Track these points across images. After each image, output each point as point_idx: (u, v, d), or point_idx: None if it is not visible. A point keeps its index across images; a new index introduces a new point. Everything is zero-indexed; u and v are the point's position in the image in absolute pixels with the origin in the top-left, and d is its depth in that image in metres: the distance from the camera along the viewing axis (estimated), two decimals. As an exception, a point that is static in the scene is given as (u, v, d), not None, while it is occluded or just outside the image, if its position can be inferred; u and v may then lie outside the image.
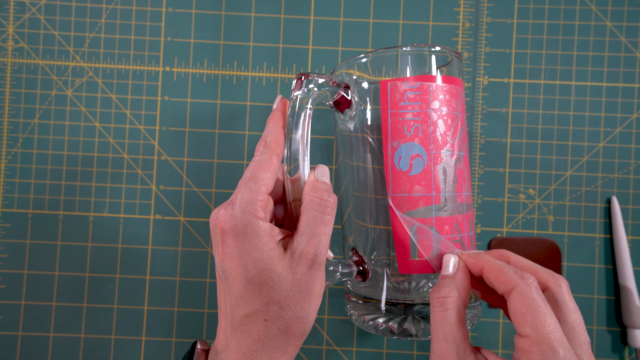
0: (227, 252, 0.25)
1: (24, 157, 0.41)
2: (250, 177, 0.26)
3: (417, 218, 0.29)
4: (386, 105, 0.30)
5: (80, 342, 0.40)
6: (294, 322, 0.25)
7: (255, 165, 0.26)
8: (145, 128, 0.41)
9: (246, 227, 0.25)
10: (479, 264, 0.24)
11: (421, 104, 0.30)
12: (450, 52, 0.31)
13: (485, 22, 0.41)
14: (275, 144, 0.27)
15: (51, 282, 0.40)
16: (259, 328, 0.25)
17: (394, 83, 0.30)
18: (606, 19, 0.40)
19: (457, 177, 0.30)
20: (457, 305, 0.23)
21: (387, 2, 0.41)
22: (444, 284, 0.24)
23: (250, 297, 0.25)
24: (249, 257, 0.25)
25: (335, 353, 0.40)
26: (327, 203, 0.26)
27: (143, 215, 0.41)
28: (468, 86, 0.41)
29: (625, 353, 0.40)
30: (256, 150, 0.27)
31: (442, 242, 0.28)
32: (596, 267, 0.40)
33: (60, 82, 0.41)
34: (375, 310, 0.31)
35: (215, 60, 0.41)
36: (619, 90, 0.40)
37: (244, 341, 0.25)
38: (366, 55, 0.31)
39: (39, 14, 0.41)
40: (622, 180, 0.40)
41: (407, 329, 0.30)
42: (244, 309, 0.25)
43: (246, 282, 0.25)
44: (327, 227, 0.26)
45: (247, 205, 0.25)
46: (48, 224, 0.41)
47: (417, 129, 0.30)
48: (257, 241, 0.25)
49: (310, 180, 0.27)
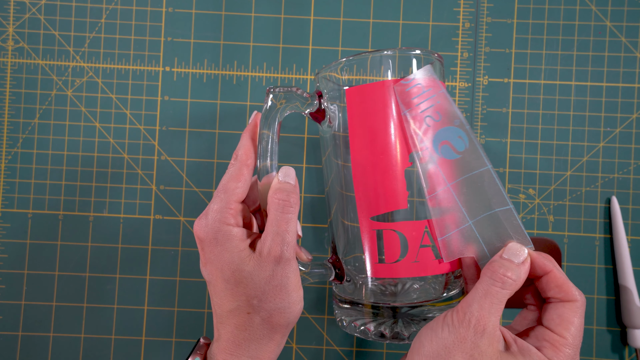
0: (206, 257, 0.28)
1: (24, 157, 0.41)
2: (221, 188, 0.28)
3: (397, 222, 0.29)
4: (397, 107, 0.29)
5: (80, 342, 0.40)
6: (275, 313, 0.27)
7: (226, 177, 0.29)
8: (146, 128, 0.41)
9: (217, 234, 0.27)
10: (547, 267, 0.26)
11: (431, 96, 0.29)
12: (432, 55, 0.31)
13: (485, 22, 0.41)
14: (246, 156, 0.29)
15: (51, 282, 0.40)
16: (243, 320, 0.27)
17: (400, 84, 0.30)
18: (606, 19, 0.41)
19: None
20: (512, 291, 0.25)
21: (387, 2, 0.41)
22: (510, 267, 0.25)
23: (230, 295, 0.27)
24: (223, 260, 0.27)
25: (335, 353, 0.40)
26: (287, 203, 0.28)
27: (143, 215, 0.41)
28: (468, 86, 0.41)
29: (625, 353, 0.40)
30: (230, 163, 0.30)
31: (519, 230, 0.27)
32: (596, 267, 0.40)
33: (60, 82, 0.41)
34: (364, 315, 0.31)
35: (215, 60, 0.41)
36: (619, 90, 0.40)
37: (232, 332, 0.28)
38: (348, 59, 0.31)
39: (39, 14, 0.41)
40: (622, 180, 0.40)
41: (399, 333, 0.30)
42: (227, 305, 0.28)
43: (224, 282, 0.27)
44: (290, 225, 0.28)
45: (218, 214, 0.28)
46: (48, 224, 0.41)
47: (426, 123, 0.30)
48: (228, 245, 0.27)
49: (274, 182, 0.29)
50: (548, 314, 0.26)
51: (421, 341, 0.25)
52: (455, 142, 0.29)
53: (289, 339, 0.40)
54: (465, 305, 0.25)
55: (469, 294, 0.26)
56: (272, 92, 0.30)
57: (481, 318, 0.24)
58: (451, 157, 0.29)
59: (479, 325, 0.24)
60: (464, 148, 0.29)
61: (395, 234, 0.29)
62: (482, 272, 0.26)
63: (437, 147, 0.29)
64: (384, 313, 0.30)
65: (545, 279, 0.26)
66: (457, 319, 0.25)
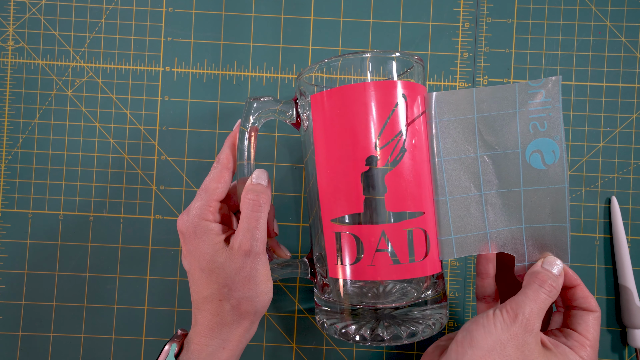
0: (186, 249, 0.31)
1: (24, 157, 0.41)
2: (203, 188, 0.32)
3: (344, 225, 0.30)
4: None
5: (80, 342, 0.40)
6: (243, 301, 0.30)
7: (208, 179, 0.32)
8: (146, 128, 0.41)
9: (197, 228, 0.31)
10: (576, 281, 0.31)
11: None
12: (412, 58, 0.31)
13: (485, 22, 0.41)
14: (227, 160, 0.32)
15: (51, 282, 0.40)
16: (215, 306, 0.31)
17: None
18: (606, 19, 0.41)
19: (387, 186, 0.30)
20: (553, 298, 0.29)
21: (387, 2, 0.41)
22: (553, 278, 0.29)
23: (205, 283, 0.31)
24: (200, 251, 0.31)
25: (335, 353, 0.40)
26: (257, 202, 0.31)
27: (143, 215, 0.41)
28: (468, 86, 0.41)
29: (625, 353, 0.40)
30: (212, 166, 0.33)
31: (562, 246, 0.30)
32: (596, 267, 0.40)
33: (61, 82, 0.41)
34: (344, 317, 0.31)
35: (215, 60, 0.41)
36: (619, 90, 0.40)
37: (205, 317, 0.31)
38: (330, 59, 0.31)
39: (39, 14, 0.41)
40: (622, 180, 0.40)
41: (380, 335, 0.30)
42: (203, 292, 0.31)
43: (200, 271, 0.31)
44: (260, 223, 0.31)
45: (198, 210, 0.31)
46: (48, 224, 0.41)
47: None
48: (205, 238, 0.31)
49: (247, 183, 0.32)
50: (574, 319, 0.31)
51: (473, 336, 0.28)
52: (547, 154, 0.30)
53: (289, 339, 0.40)
54: (516, 307, 0.28)
55: (519, 297, 0.29)
56: (250, 102, 0.33)
57: (531, 318, 0.28)
58: (538, 166, 0.30)
59: (529, 325, 0.28)
60: (552, 162, 0.30)
61: (352, 237, 0.30)
62: (529, 279, 0.29)
63: (528, 153, 0.30)
64: (367, 315, 0.30)
65: (573, 290, 0.31)
66: (509, 318, 0.28)
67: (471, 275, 0.40)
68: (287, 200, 0.41)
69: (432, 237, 0.31)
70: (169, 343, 0.31)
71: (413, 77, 0.31)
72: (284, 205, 0.41)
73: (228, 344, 0.31)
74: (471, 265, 0.40)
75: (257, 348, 0.40)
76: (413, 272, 0.30)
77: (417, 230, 0.30)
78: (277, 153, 0.41)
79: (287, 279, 0.41)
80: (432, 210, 0.31)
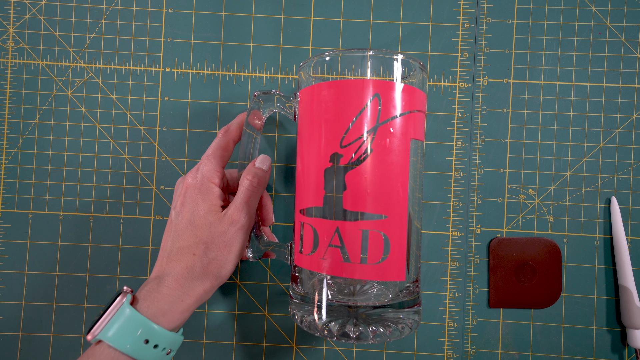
0: (185, 200, 0.34)
1: (24, 157, 0.41)
2: (211, 153, 0.35)
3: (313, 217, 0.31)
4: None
5: (80, 342, 0.40)
6: (212, 262, 0.33)
7: (216, 145, 0.36)
8: (146, 128, 0.41)
9: (202, 186, 0.34)
10: None
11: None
12: (413, 60, 0.31)
13: (485, 23, 0.41)
14: (235, 132, 0.36)
15: (51, 282, 0.40)
16: (188, 259, 0.33)
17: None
18: (606, 20, 0.41)
19: (346, 184, 0.30)
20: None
21: (387, 2, 0.41)
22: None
23: (188, 234, 0.33)
24: (197, 205, 0.34)
25: (335, 353, 0.40)
26: (253, 183, 0.34)
27: (143, 215, 0.41)
28: (468, 87, 0.41)
29: (625, 353, 0.40)
30: (218, 133, 0.36)
31: None
32: (596, 267, 0.40)
33: (61, 83, 0.41)
34: (315, 310, 0.31)
35: (215, 61, 0.41)
36: (619, 91, 0.40)
37: (176, 268, 0.33)
38: (331, 53, 0.31)
39: (39, 14, 0.41)
40: (621, 181, 0.40)
41: (347, 332, 0.29)
42: (181, 242, 0.33)
43: (189, 223, 0.33)
44: (252, 201, 0.34)
45: (207, 173, 0.34)
46: (48, 224, 0.41)
47: None
48: (206, 196, 0.34)
49: (250, 166, 0.35)
50: None
51: None
52: None
53: (289, 339, 0.40)
54: None
55: None
56: (257, 96, 0.35)
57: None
58: None
59: None
60: None
61: (311, 229, 0.31)
62: None
63: None
64: (341, 311, 0.30)
65: None
66: None
67: (471, 275, 0.40)
68: (288, 201, 0.41)
69: (396, 243, 0.30)
70: (122, 295, 0.31)
71: (392, 75, 0.30)
72: (285, 205, 0.41)
73: (187, 298, 0.32)
74: (471, 265, 0.40)
75: (257, 348, 0.40)
76: (364, 273, 0.29)
77: (374, 233, 0.29)
78: (277, 153, 0.41)
79: (287, 279, 0.41)
80: (402, 216, 0.30)
